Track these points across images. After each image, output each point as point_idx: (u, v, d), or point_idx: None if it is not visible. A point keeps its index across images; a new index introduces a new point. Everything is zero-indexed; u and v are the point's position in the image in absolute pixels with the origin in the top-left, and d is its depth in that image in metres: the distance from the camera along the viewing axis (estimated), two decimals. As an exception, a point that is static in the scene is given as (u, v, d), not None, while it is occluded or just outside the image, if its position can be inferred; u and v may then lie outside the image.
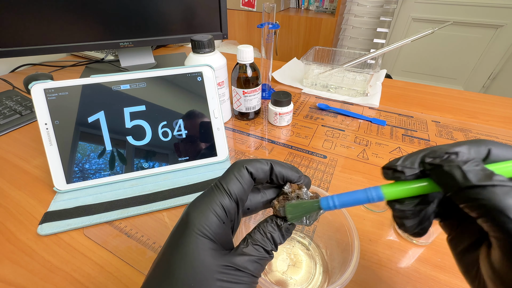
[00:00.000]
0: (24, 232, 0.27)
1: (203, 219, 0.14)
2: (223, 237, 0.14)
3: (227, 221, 0.14)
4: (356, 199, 0.14)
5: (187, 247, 0.13)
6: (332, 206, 0.15)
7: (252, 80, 0.42)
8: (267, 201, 0.18)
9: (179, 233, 0.14)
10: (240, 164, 0.16)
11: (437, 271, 0.24)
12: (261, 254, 0.14)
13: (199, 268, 0.12)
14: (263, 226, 0.16)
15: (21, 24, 0.46)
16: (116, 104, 0.31)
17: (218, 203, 0.14)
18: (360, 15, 1.50)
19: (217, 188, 0.15)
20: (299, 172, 0.17)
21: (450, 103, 0.53)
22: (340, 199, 0.15)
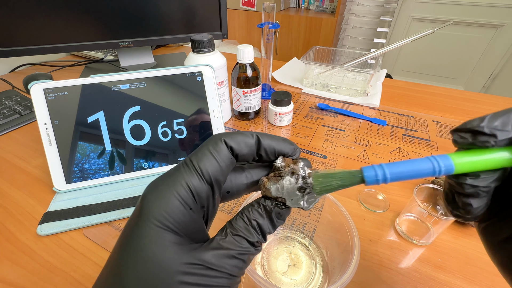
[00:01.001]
0: (24, 232, 0.27)
1: (162, 204, 0.11)
2: (190, 227, 0.11)
3: (195, 207, 0.11)
4: (416, 171, 0.11)
5: (140, 242, 0.10)
6: (380, 178, 0.11)
7: (252, 80, 0.42)
8: (253, 182, 0.14)
9: (132, 224, 0.11)
10: (217, 137, 0.13)
11: (437, 271, 0.24)
12: (243, 247, 0.11)
13: (154, 268, 0.10)
14: (247, 211, 0.13)
15: (21, 24, 0.46)
16: (116, 104, 0.31)
17: (183, 184, 0.11)
18: (361, 14, 1.50)
19: (185, 165, 0.12)
20: (293, 144, 0.14)
21: (451, 103, 0.53)
22: (392, 169, 0.11)
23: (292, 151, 0.14)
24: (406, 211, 0.28)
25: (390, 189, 0.33)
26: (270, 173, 0.14)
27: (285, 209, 0.13)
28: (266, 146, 0.13)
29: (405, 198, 0.31)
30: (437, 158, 0.11)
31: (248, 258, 0.12)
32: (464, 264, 0.25)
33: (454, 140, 0.11)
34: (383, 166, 0.11)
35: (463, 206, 0.11)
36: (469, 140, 0.11)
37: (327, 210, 0.24)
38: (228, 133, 0.13)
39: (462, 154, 0.11)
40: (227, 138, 0.13)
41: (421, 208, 0.25)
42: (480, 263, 0.25)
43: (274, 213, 0.13)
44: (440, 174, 0.11)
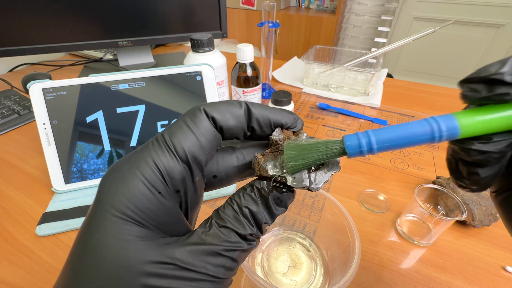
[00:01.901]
0: (23, 232, 0.27)
1: (121, 189, 0.08)
2: (161, 217, 0.09)
3: (166, 191, 0.09)
4: (410, 136, 0.09)
5: (94, 237, 0.08)
6: (365, 148, 0.09)
7: (252, 80, 0.42)
8: (247, 165, 0.11)
9: (88, 215, 0.09)
10: (196, 108, 0.10)
11: (438, 272, 0.24)
12: (232, 242, 0.09)
13: (111, 269, 0.08)
14: (238, 196, 0.10)
15: (19, 23, 0.46)
16: (115, 103, 0.31)
17: (150, 163, 0.09)
18: (361, 13, 1.50)
19: (155, 141, 0.10)
20: (293, 114, 0.12)
21: (452, 103, 0.53)
22: (380, 135, 0.09)
23: (292, 122, 0.11)
24: (407, 211, 0.28)
25: (391, 190, 0.32)
26: (266, 150, 0.11)
27: (286, 192, 0.10)
28: (258, 116, 0.11)
29: (406, 198, 0.31)
30: (438, 119, 0.08)
31: (239, 256, 0.10)
32: (465, 265, 0.25)
33: (463, 95, 0.09)
34: (369, 133, 0.09)
35: (468, 175, 0.09)
36: (483, 93, 0.08)
37: (327, 210, 0.24)
38: (210, 103, 0.11)
39: (471, 112, 0.08)
40: (208, 108, 0.10)
41: (422, 209, 0.25)
42: (481, 264, 0.25)
43: (272, 198, 0.10)
44: (441, 140, 0.08)
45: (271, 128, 0.11)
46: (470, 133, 0.08)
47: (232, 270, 0.10)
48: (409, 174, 0.35)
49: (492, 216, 0.27)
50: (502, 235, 0.27)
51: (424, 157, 0.38)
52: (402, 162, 0.37)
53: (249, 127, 0.11)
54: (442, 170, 0.36)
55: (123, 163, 0.09)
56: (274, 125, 0.11)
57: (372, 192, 0.32)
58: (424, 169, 0.36)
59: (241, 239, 0.10)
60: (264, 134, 0.11)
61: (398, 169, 0.36)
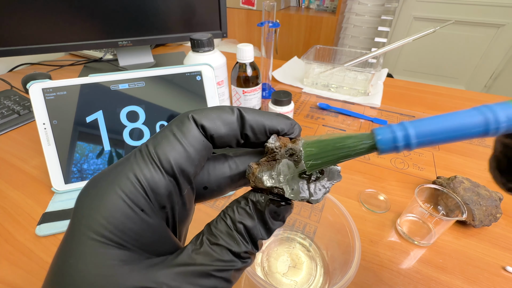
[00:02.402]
0: (22, 232, 0.27)
1: (99, 207, 0.08)
2: (144, 236, 0.08)
3: (150, 208, 0.08)
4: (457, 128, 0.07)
5: (70, 263, 0.07)
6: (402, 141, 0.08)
7: (252, 79, 0.42)
8: (240, 174, 0.11)
9: (65, 238, 0.08)
10: (184, 115, 0.10)
11: (438, 272, 0.24)
12: (225, 261, 0.08)
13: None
14: (231, 211, 0.10)
15: (19, 23, 0.46)
16: (115, 103, 0.31)
17: (130, 177, 0.08)
18: (361, 13, 1.50)
19: (138, 152, 0.09)
20: (289, 119, 0.11)
21: (452, 103, 0.53)
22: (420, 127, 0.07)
23: (289, 127, 0.11)
24: (407, 211, 0.28)
25: (391, 190, 0.32)
26: (261, 159, 0.10)
27: (284, 205, 0.10)
28: (252, 122, 0.10)
29: (406, 198, 0.31)
30: (493, 107, 0.07)
31: (233, 276, 0.09)
32: (465, 265, 0.25)
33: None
34: (406, 125, 0.08)
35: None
36: None
37: (327, 210, 0.24)
38: (200, 109, 0.10)
39: None
40: (197, 115, 0.09)
41: (422, 209, 0.25)
42: (481, 264, 0.25)
43: (268, 212, 0.09)
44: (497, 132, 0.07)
45: (266, 135, 0.10)
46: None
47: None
48: (409, 174, 0.35)
49: (492, 216, 0.27)
50: (502, 235, 0.27)
51: (424, 157, 0.38)
52: (402, 162, 0.37)
53: (242, 134, 0.10)
54: (442, 170, 0.36)
55: (102, 178, 0.08)
56: (269, 131, 0.10)
57: (372, 192, 0.32)
58: (424, 169, 0.36)
59: (235, 257, 0.09)
60: (258, 141, 0.11)
61: (398, 169, 0.36)
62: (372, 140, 0.08)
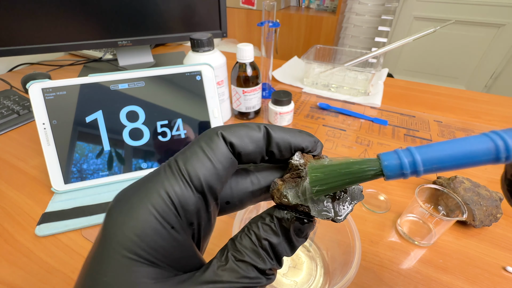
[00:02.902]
0: (22, 233, 0.27)
1: (131, 224, 0.08)
2: (174, 253, 0.08)
3: (180, 225, 0.08)
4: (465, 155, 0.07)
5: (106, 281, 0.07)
6: (409, 168, 0.07)
7: (252, 79, 0.42)
8: (261, 190, 0.11)
9: (94, 254, 0.08)
10: (213, 131, 0.10)
11: (439, 272, 0.24)
12: (250, 279, 0.09)
13: None
14: (256, 227, 0.10)
15: (19, 23, 0.46)
16: (114, 103, 0.31)
17: (162, 194, 0.08)
18: (362, 13, 1.49)
19: (167, 168, 0.09)
20: (313, 137, 0.11)
21: (452, 103, 0.53)
22: (427, 153, 0.07)
23: (312, 145, 0.11)
24: (408, 211, 0.28)
25: (392, 190, 0.32)
26: (285, 175, 0.11)
27: (307, 222, 0.10)
28: (278, 140, 0.10)
29: (406, 198, 0.31)
30: (503, 134, 0.07)
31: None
32: (465, 265, 0.25)
33: None
34: (412, 151, 0.07)
35: None
36: None
37: (327, 211, 0.24)
38: (228, 126, 0.10)
39: None
40: (226, 132, 0.10)
41: (422, 209, 0.25)
42: (481, 264, 0.25)
43: (293, 229, 0.09)
44: (508, 160, 0.07)
45: (290, 152, 0.11)
46: None
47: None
48: (409, 174, 0.35)
49: (492, 216, 0.27)
50: (502, 235, 0.27)
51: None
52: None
53: (268, 151, 0.10)
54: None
55: (132, 193, 0.09)
56: (294, 149, 0.11)
57: (373, 192, 0.32)
58: (425, 169, 0.36)
59: (260, 274, 0.09)
60: (283, 158, 0.11)
61: (399, 169, 0.36)
62: (378, 167, 0.08)
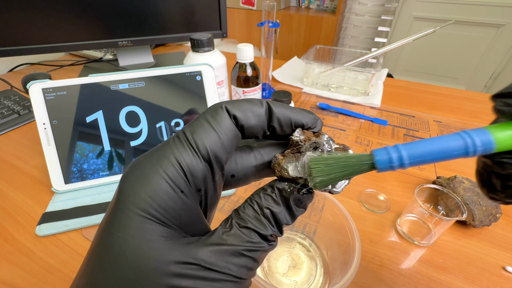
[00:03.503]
0: (22, 233, 0.27)
1: (144, 187, 0.08)
2: (183, 216, 0.09)
3: (189, 190, 0.09)
4: (442, 152, 0.09)
5: (117, 236, 0.08)
6: (396, 163, 0.09)
7: (252, 79, 0.42)
8: (264, 164, 0.11)
9: (109, 213, 0.09)
10: (217, 105, 0.10)
11: (438, 272, 0.24)
12: (254, 243, 0.09)
13: (135, 269, 0.08)
14: (258, 197, 0.10)
15: (19, 23, 0.46)
16: (115, 103, 0.31)
17: (173, 161, 0.09)
18: (361, 13, 1.49)
19: (176, 138, 0.10)
20: (313, 114, 0.12)
21: (452, 103, 0.53)
22: (411, 150, 0.09)
23: (312, 122, 0.11)
24: (407, 211, 0.28)
25: (391, 190, 0.32)
26: (286, 150, 0.11)
27: (306, 193, 0.10)
28: (279, 115, 0.11)
29: (406, 198, 0.31)
30: (471, 133, 0.08)
31: (260, 256, 0.10)
32: (465, 265, 0.25)
33: (497, 109, 0.09)
34: (399, 148, 0.09)
35: (502, 189, 0.09)
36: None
37: (327, 210, 0.24)
38: (232, 101, 0.11)
39: (505, 126, 0.08)
40: (230, 106, 0.10)
41: (422, 209, 0.25)
42: (481, 264, 0.25)
43: (293, 199, 0.10)
44: (475, 154, 0.08)
45: (291, 128, 0.11)
46: (505, 147, 0.08)
47: (253, 271, 0.10)
48: (409, 174, 0.35)
49: (492, 216, 0.27)
50: (502, 235, 0.27)
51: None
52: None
53: (269, 126, 0.11)
54: (442, 170, 0.36)
55: (145, 160, 0.09)
56: (294, 125, 0.11)
57: (372, 192, 0.32)
58: (424, 169, 0.36)
59: (262, 239, 0.10)
60: (283, 134, 0.11)
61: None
62: (371, 161, 0.09)
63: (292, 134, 0.11)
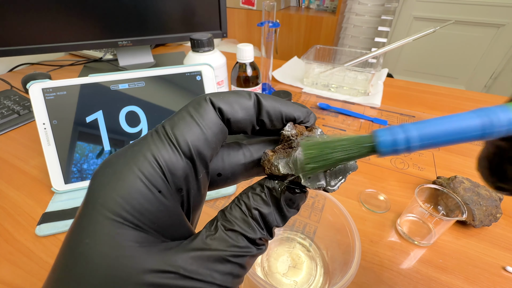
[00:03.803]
0: (22, 233, 0.27)
1: (117, 187, 0.07)
2: (161, 219, 0.08)
3: (167, 190, 0.08)
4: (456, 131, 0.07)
5: (87, 243, 0.07)
6: (402, 145, 0.08)
7: (252, 79, 0.42)
8: (254, 162, 0.11)
9: (78, 217, 0.08)
10: (201, 97, 0.09)
11: (438, 272, 0.24)
12: (240, 247, 0.08)
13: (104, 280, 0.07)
14: (246, 197, 0.09)
15: (19, 23, 0.46)
16: (115, 103, 0.31)
17: (149, 158, 0.08)
18: (361, 13, 1.49)
19: (155, 133, 0.09)
20: (305, 107, 0.11)
21: (452, 103, 0.53)
22: (420, 130, 0.07)
23: (305, 116, 0.11)
24: (407, 211, 0.28)
25: (391, 190, 0.32)
26: (277, 146, 0.10)
27: (299, 193, 0.10)
28: (269, 108, 0.10)
29: (406, 198, 0.31)
30: (490, 111, 0.07)
31: (247, 262, 0.09)
32: (465, 265, 0.25)
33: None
34: (406, 128, 0.08)
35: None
36: None
37: (327, 211, 0.24)
38: (217, 92, 0.10)
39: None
40: (215, 98, 0.09)
41: (422, 209, 0.25)
42: (481, 264, 0.25)
43: (284, 199, 0.09)
44: (493, 135, 0.07)
45: (282, 122, 0.10)
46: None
47: (239, 278, 0.09)
48: (409, 174, 0.35)
49: (492, 216, 0.27)
50: (502, 235, 0.27)
51: (424, 157, 0.38)
52: (402, 162, 0.37)
53: (258, 120, 0.10)
54: (442, 170, 0.36)
55: (118, 157, 0.08)
56: (285, 119, 0.10)
57: (372, 192, 0.32)
58: (424, 169, 0.36)
59: (250, 243, 0.09)
60: (274, 128, 0.10)
61: (399, 169, 0.36)
62: (372, 142, 0.08)
63: (283, 129, 0.10)
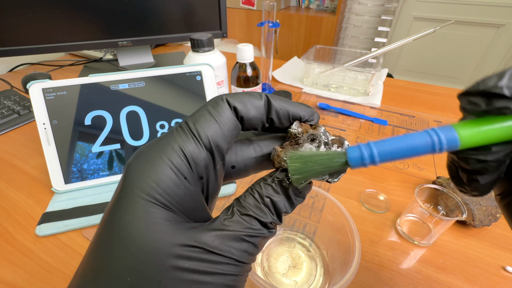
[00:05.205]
0: (22, 233, 0.27)
1: (150, 173, 0.09)
2: (186, 202, 0.09)
3: (192, 177, 0.09)
4: (411, 148, 0.09)
5: (123, 220, 0.08)
6: (367, 160, 0.09)
7: (252, 79, 0.42)
8: (264, 156, 0.12)
9: (115, 198, 0.09)
10: (218, 97, 0.11)
11: (438, 272, 0.24)
12: (254, 229, 0.10)
13: (141, 251, 0.08)
14: (259, 186, 0.11)
15: (19, 23, 0.46)
16: (115, 103, 0.31)
17: (176, 149, 0.09)
18: (361, 13, 1.49)
19: (179, 128, 0.10)
20: (310, 107, 0.12)
21: (452, 103, 0.53)
22: (382, 147, 0.09)
23: (309, 115, 0.12)
24: (407, 211, 0.28)
25: (391, 190, 0.32)
26: (284, 143, 0.12)
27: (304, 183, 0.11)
28: (278, 107, 0.11)
29: (406, 198, 0.31)
30: (438, 131, 0.09)
31: (260, 243, 0.10)
32: (465, 265, 0.25)
33: (462, 107, 0.09)
34: (371, 145, 0.09)
35: (468, 182, 0.10)
36: (482, 106, 0.08)
37: (327, 210, 0.24)
38: (232, 93, 0.11)
39: (470, 124, 0.08)
40: (230, 98, 0.11)
41: (422, 209, 0.25)
42: (481, 264, 0.25)
43: (292, 189, 0.11)
44: (441, 151, 0.09)
45: (289, 120, 0.12)
46: (470, 144, 0.09)
47: (253, 256, 0.10)
48: (409, 174, 0.35)
49: (492, 216, 0.27)
50: (502, 235, 0.27)
51: (424, 157, 0.38)
52: (402, 162, 0.37)
53: (268, 118, 0.12)
54: (442, 170, 0.36)
55: (150, 148, 0.10)
56: (292, 118, 0.12)
57: (372, 192, 0.32)
58: (424, 169, 0.36)
59: (263, 226, 0.10)
60: (281, 126, 0.12)
61: (398, 169, 0.36)
62: (344, 158, 0.10)
63: (290, 127, 0.12)
